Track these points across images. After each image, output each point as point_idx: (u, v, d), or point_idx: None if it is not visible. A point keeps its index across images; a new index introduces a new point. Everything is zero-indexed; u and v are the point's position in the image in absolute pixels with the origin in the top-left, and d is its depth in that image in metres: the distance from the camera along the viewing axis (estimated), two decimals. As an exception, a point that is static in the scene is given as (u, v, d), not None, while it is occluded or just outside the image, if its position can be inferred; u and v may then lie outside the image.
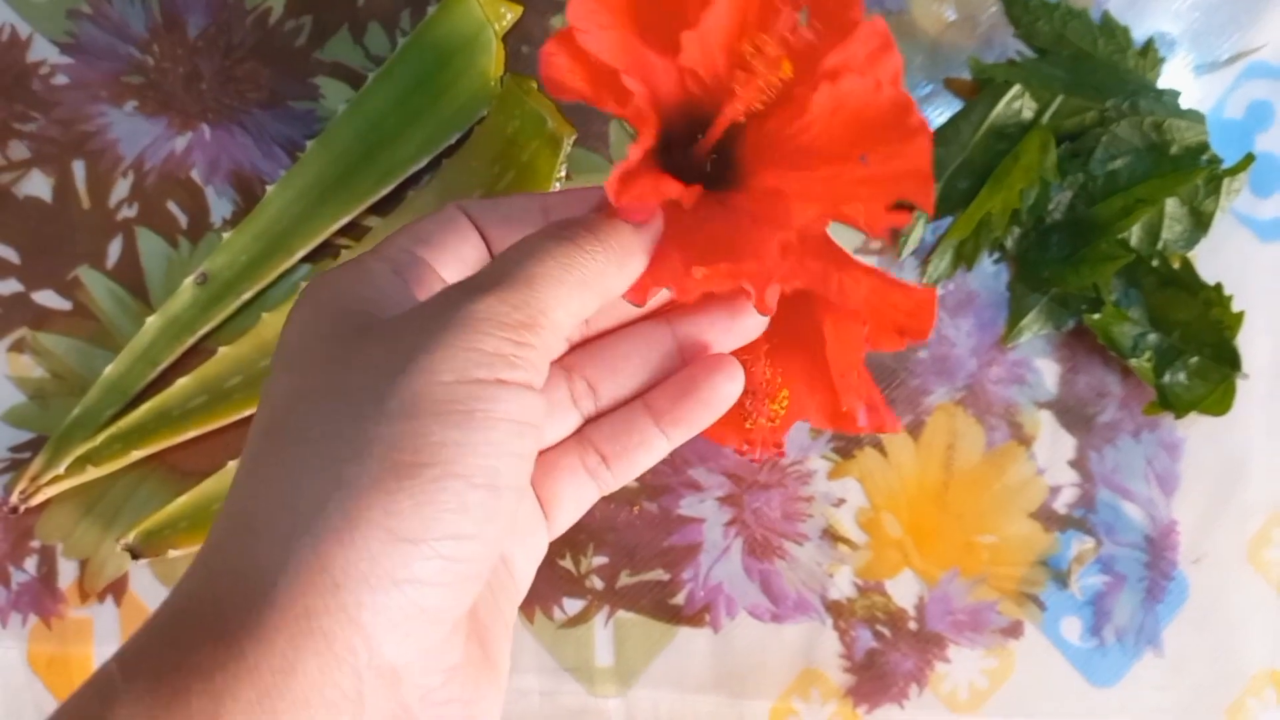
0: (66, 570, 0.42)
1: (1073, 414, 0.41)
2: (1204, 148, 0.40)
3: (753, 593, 0.41)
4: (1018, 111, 0.40)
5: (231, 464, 0.41)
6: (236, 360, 0.41)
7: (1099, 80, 0.40)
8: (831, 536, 0.41)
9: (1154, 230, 0.40)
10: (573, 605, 0.41)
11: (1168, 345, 0.40)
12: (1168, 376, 0.40)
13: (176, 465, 0.42)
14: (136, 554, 0.41)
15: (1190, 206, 0.40)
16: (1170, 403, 0.40)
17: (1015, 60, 0.41)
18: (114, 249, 0.43)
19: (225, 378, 0.41)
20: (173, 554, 0.41)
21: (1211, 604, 0.41)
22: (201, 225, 0.43)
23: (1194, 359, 0.40)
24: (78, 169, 0.43)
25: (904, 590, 0.41)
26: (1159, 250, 0.40)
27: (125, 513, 0.42)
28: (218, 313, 0.41)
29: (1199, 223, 0.40)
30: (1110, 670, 0.41)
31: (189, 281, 0.41)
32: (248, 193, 0.43)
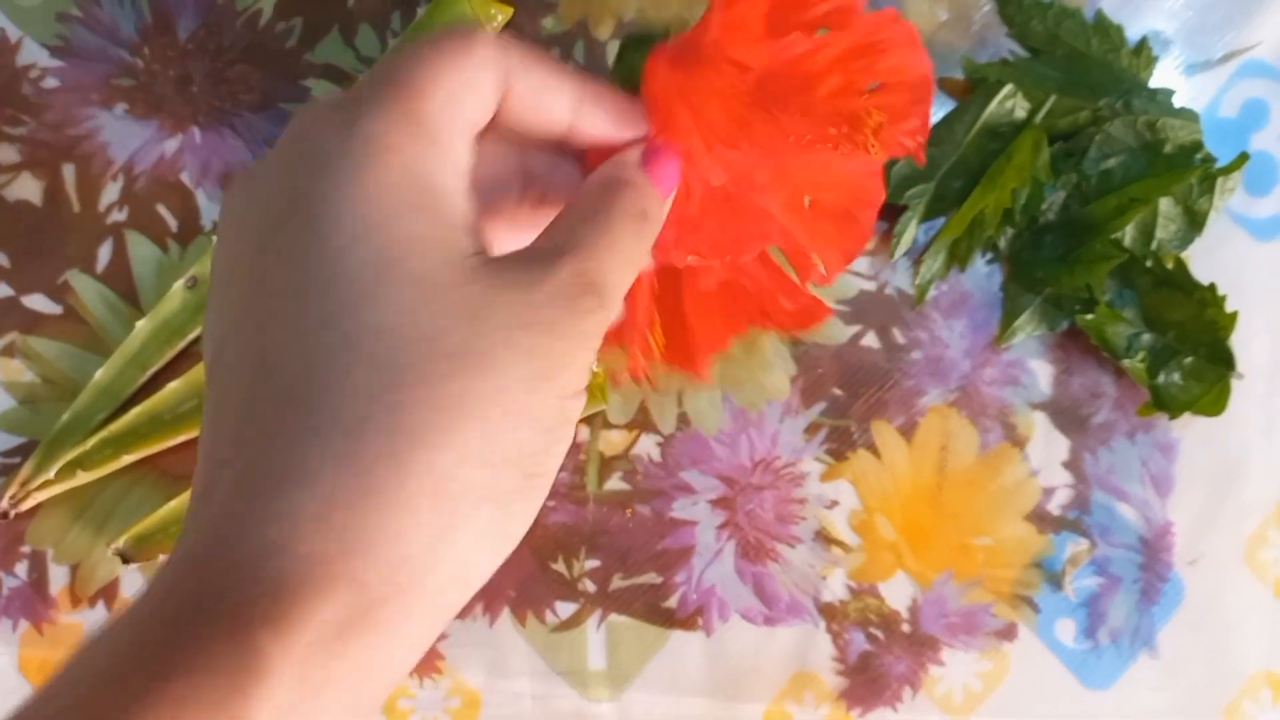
0: (57, 575, 0.42)
1: (1067, 415, 0.41)
2: (1198, 146, 0.39)
3: (745, 595, 0.41)
4: (1010, 111, 0.39)
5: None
6: (227, 364, 0.41)
7: (1092, 80, 0.40)
8: (824, 539, 0.41)
9: (1148, 230, 0.40)
10: (565, 609, 0.41)
11: (1162, 345, 0.40)
12: (1162, 377, 0.40)
13: (168, 469, 0.42)
14: (127, 559, 0.41)
15: (1184, 206, 0.40)
16: (1164, 404, 0.40)
17: (1009, 60, 0.41)
18: (104, 253, 0.42)
19: (216, 381, 0.41)
20: (163, 558, 0.40)
21: (1207, 605, 0.41)
22: (192, 229, 0.43)
23: (1188, 359, 0.40)
24: (68, 172, 0.43)
25: (897, 593, 0.41)
26: (1153, 250, 0.39)
27: (116, 517, 0.42)
28: (208, 316, 0.41)
29: (1193, 222, 0.40)
30: (1105, 672, 0.41)
31: (179, 285, 0.41)
32: (238, 196, 0.42)
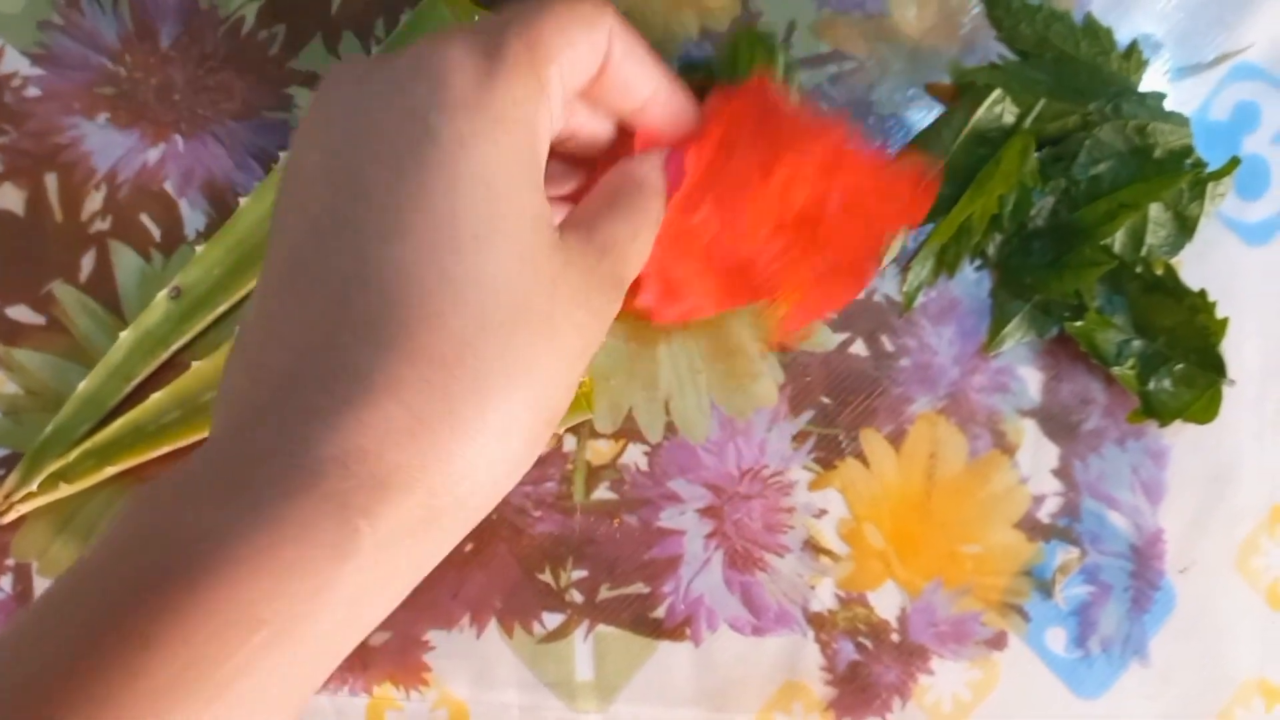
0: (41, 588, 0.42)
1: (1056, 422, 0.41)
2: (1188, 151, 0.39)
3: (733, 605, 0.41)
4: (999, 116, 0.39)
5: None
6: (211, 375, 0.41)
7: (1082, 84, 0.40)
8: (813, 548, 0.41)
9: (1138, 236, 0.39)
10: (552, 620, 0.41)
11: (1152, 352, 0.40)
12: (1152, 384, 0.39)
13: (152, 480, 0.42)
14: (112, 571, 0.40)
15: (1174, 211, 0.39)
16: (1155, 410, 0.39)
17: (997, 64, 0.41)
18: (87, 263, 0.42)
19: (200, 392, 0.41)
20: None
21: (1199, 613, 0.41)
22: (175, 238, 0.42)
23: (1179, 366, 0.39)
24: (50, 182, 0.42)
25: (886, 602, 0.41)
26: (1143, 256, 0.39)
27: (101, 529, 0.42)
28: (191, 327, 0.41)
29: (1184, 227, 0.39)
30: (1096, 681, 0.41)
31: (162, 295, 0.41)
32: (221, 205, 0.42)
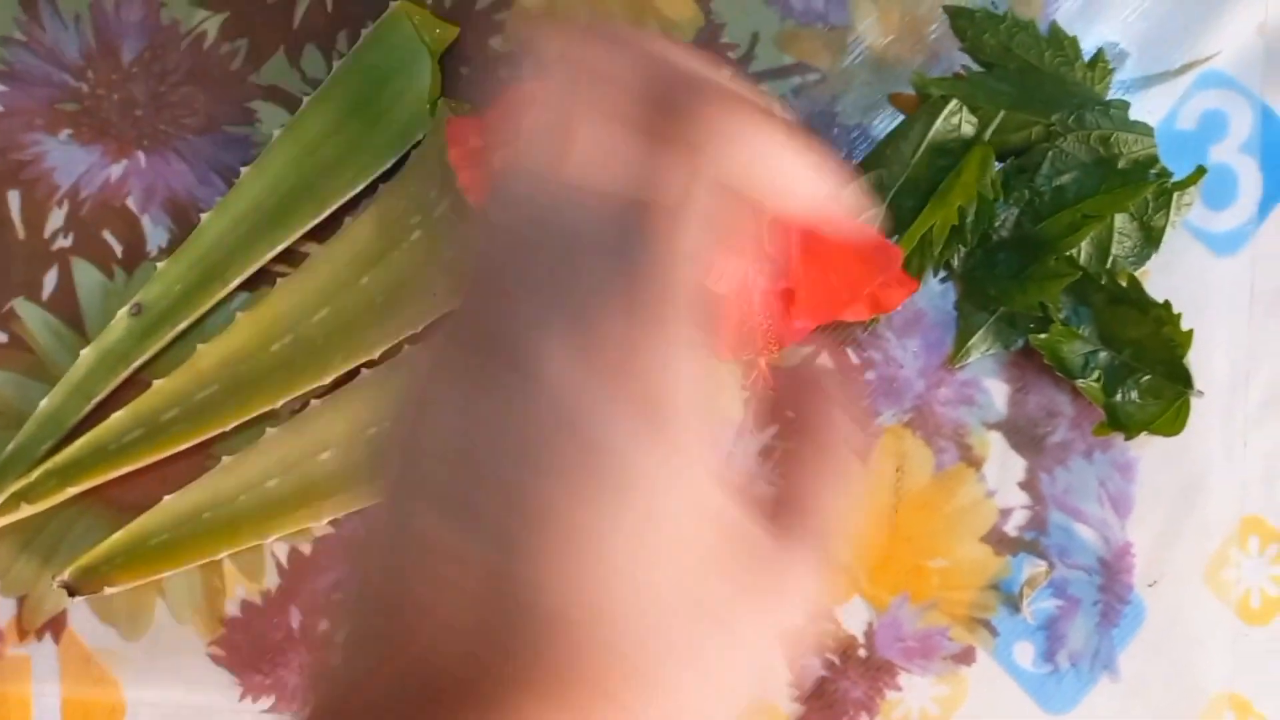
0: (4, 608, 0.41)
1: (1023, 435, 0.41)
2: (1153, 161, 0.39)
3: (700, 621, 0.41)
4: (958, 127, 0.39)
5: (167, 498, 0.40)
6: (172, 393, 0.41)
7: (1045, 94, 0.39)
8: (780, 563, 0.41)
9: (1103, 247, 0.39)
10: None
11: (1119, 364, 0.39)
12: (1119, 396, 0.39)
13: (114, 500, 0.42)
14: (73, 591, 0.40)
15: (1140, 222, 0.39)
16: (1121, 423, 0.39)
17: (961, 74, 0.40)
18: (49, 280, 0.42)
19: (161, 411, 0.41)
20: (109, 590, 0.40)
21: (1168, 627, 0.40)
22: (137, 254, 0.42)
23: (1145, 378, 0.39)
24: (13, 199, 0.42)
25: (853, 617, 0.41)
26: (1108, 268, 0.39)
27: (63, 548, 0.42)
28: (153, 344, 0.41)
29: (1149, 238, 0.39)
30: (1065, 696, 0.40)
31: (123, 312, 0.41)
32: (183, 221, 0.42)
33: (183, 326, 0.41)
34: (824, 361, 0.36)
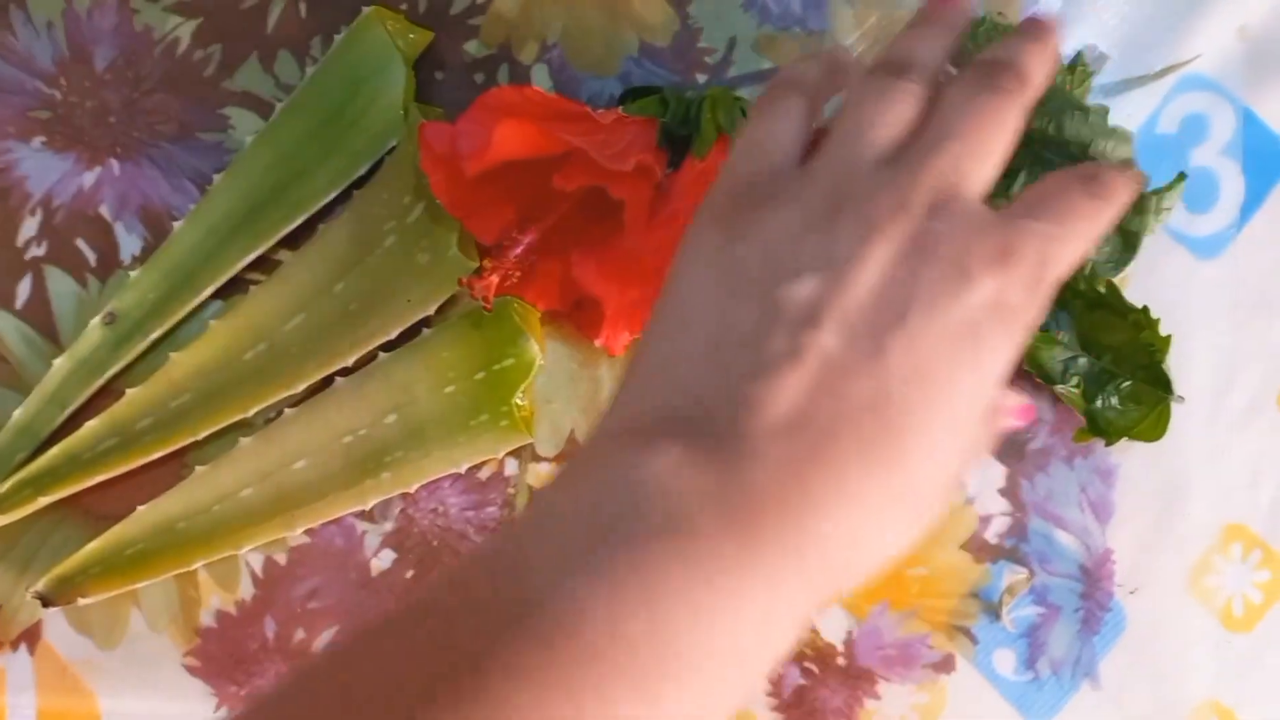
0: (-22, 618, 0.41)
1: (1003, 441, 0.40)
2: (1130, 166, 0.38)
3: (678, 630, 0.40)
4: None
5: (141, 508, 0.40)
6: (146, 402, 0.40)
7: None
8: (758, 571, 0.40)
9: None
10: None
11: (1098, 370, 0.39)
12: (1099, 402, 0.39)
13: (91, 509, 0.41)
14: (47, 601, 0.40)
15: (1118, 227, 0.38)
16: (1101, 429, 0.39)
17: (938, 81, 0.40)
18: (23, 289, 0.42)
19: (135, 419, 0.40)
20: (83, 601, 0.40)
21: (1151, 634, 0.40)
22: (111, 263, 0.42)
23: (1125, 383, 0.39)
24: (-14, 207, 0.42)
25: (832, 625, 0.40)
26: (1086, 274, 0.38)
27: (40, 557, 0.41)
28: (126, 353, 0.41)
29: (1127, 244, 0.39)
30: (1046, 704, 0.40)
31: (96, 322, 0.41)
32: (157, 228, 0.42)
33: (156, 335, 0.41)
34: None
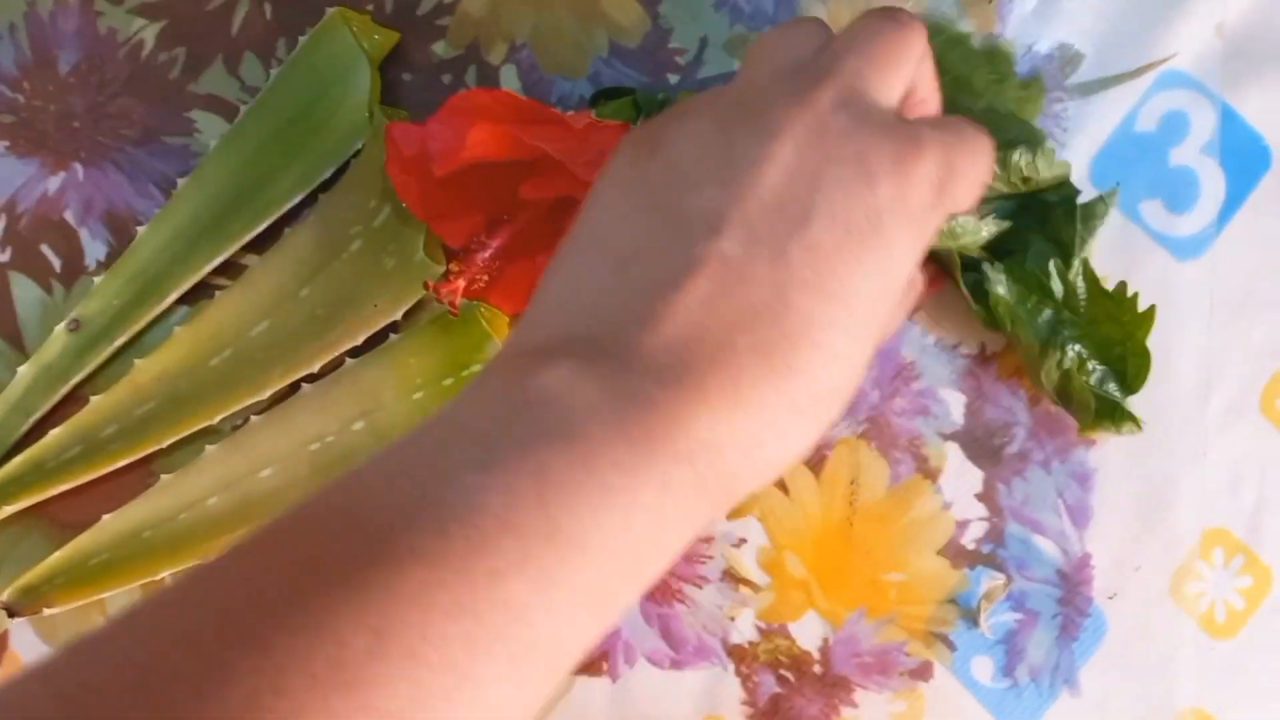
0: (-58, 629, 0.41)
1: (980, 445, 0.40)
2: (1063, 181, 0.37)
3: (652, 638, 0.40)
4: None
5: (106, 518, 0.39)
6: (110, 409, 0.40)
7: (975, 116, 0.37)
8: (732, 578, 0.40)
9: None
10: (465, 655, 0.40)
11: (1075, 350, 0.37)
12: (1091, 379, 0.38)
13: (57, 518, 0.41)
14: (13, 612, 0.39)
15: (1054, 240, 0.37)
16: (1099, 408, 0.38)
17: None
18: (-13, 295, 0.41)
19: (100, 427, 0.40)
20: (48, 611, 0.39)
21: (1132, 641, 0.39)
22: (76, 269, 0.41)
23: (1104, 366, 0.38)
24: (-50, 213, 0.41)
25: (808, 632, 0.40)
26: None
27: (5, 567, 0.41)
28: (91, 360, 0.40)
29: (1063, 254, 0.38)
30: (1025, 712, 0.39)
31: (60, 328, 0.40)
32: (122, 234, 0.41)
33: (121, 342, 0.40)
34: None
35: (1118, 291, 0.38)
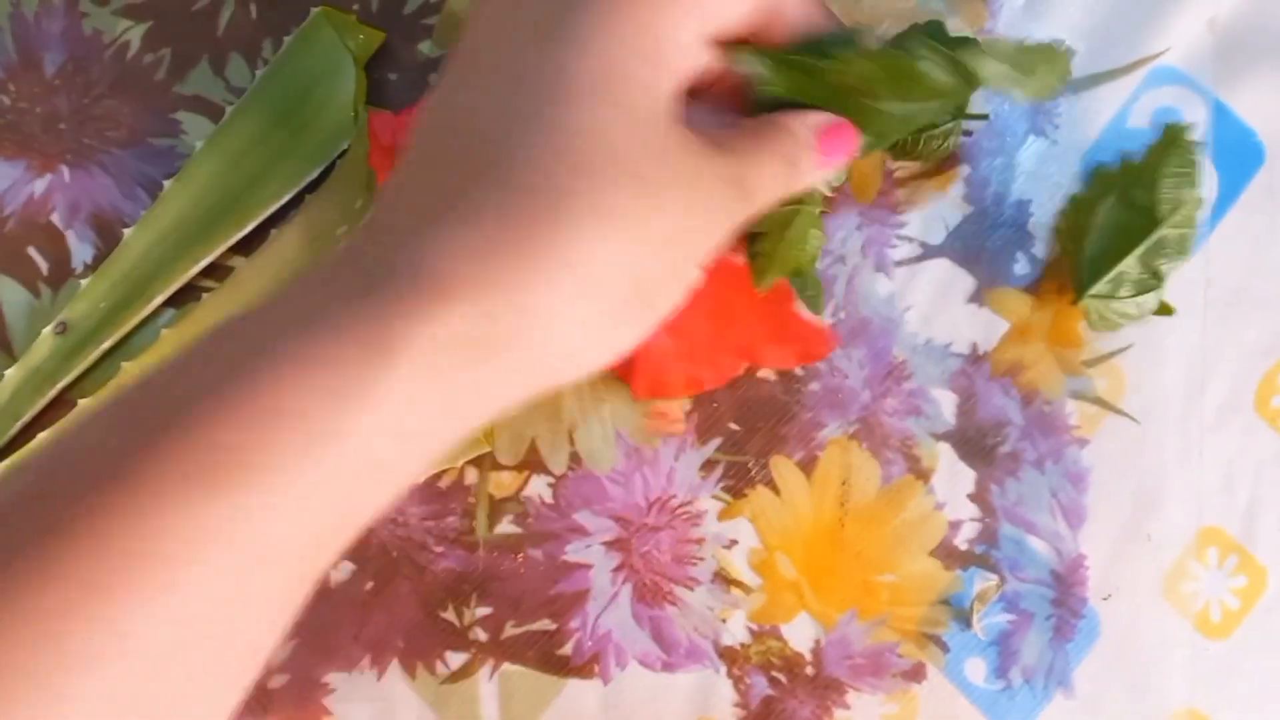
0: (-71, 635, 0.40)
1: (972, 445, 0.39)
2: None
3: (643, 641, 0.40)
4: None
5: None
6: (97, 413, 0.39)
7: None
8: (724, 580, 0.40)
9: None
10: (455, 659, 0.40)
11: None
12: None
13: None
14: (0, 617, 0.39)
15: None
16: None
17: None
18: (-26, 299, 0.41)
19: (87, 431, 0.39)
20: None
21: (1125, 641, 0.39)
22: (63, 271, 0.41)
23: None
24: (-65, 216, 0.41)
25: (800, 634, 0.39)
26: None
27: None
28: (78, 363, 0.40)
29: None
30: (1018, 713, 0.39)
31: (47, 331, 0.40)
32: (109, 236, 0.41)
33: (107, 345, 0.40)
34: None
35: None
